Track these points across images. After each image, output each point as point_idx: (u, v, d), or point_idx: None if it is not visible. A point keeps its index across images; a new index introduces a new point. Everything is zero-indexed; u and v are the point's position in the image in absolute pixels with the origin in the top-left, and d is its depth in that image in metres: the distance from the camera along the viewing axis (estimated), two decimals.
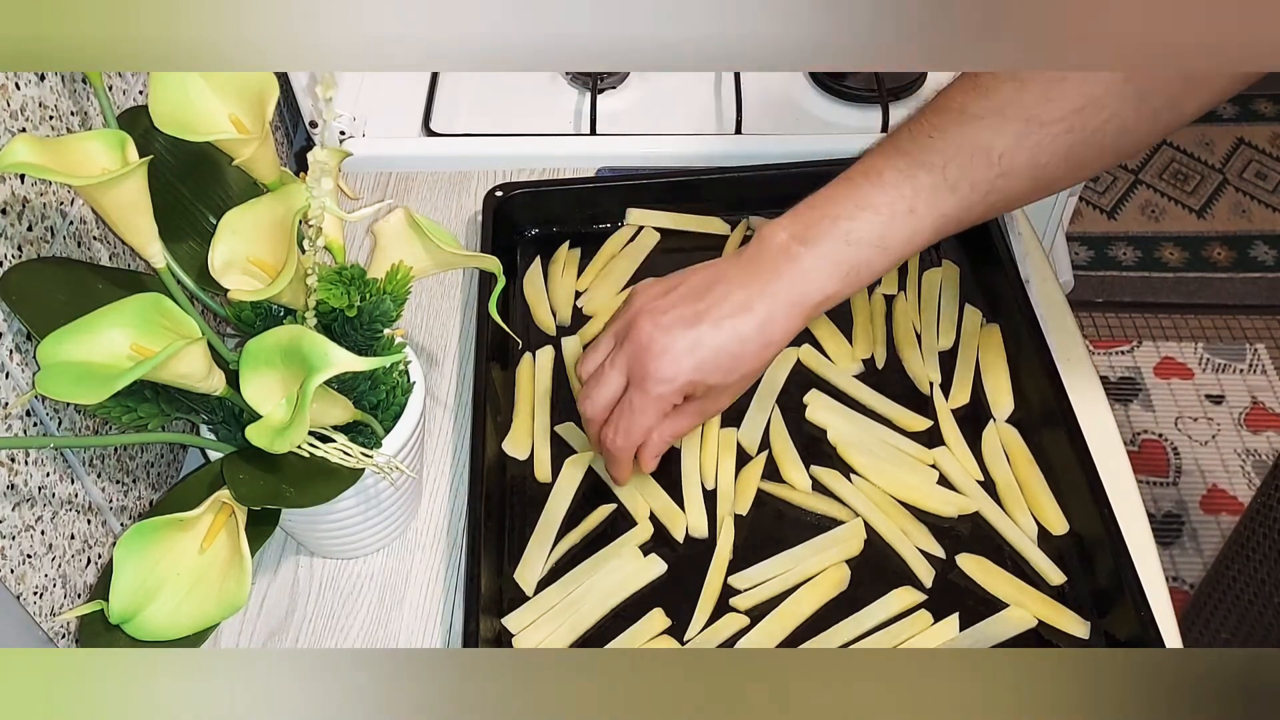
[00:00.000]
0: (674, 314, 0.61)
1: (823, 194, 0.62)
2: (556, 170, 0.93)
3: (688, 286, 0.63)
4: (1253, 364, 1.83)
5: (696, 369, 0.61)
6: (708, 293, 0.62)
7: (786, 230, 0.61)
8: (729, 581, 0.67)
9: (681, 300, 0.62)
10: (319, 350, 0.52)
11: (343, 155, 0.60)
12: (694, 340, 0.60)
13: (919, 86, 1.00)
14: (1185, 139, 2.15)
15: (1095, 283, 1.94)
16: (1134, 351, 1.85)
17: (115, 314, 0.52)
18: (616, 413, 0.64)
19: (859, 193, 0.60)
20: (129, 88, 0.71)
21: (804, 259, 0.61)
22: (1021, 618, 0.65)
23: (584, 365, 0.66)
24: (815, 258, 0.60)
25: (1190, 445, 1.73)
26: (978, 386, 0.77)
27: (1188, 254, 1.98)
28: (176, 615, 0.56)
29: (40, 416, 0.59)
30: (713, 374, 0.61)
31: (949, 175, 0.59)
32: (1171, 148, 2.14)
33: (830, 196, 0.62)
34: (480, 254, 0.66)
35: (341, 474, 0.57)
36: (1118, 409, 1.77)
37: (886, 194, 0.60)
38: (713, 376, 0.61)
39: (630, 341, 0.62)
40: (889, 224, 0.60)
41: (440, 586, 0.69)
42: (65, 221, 0.62)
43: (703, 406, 0.64)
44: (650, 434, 0.64)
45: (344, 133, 0.94)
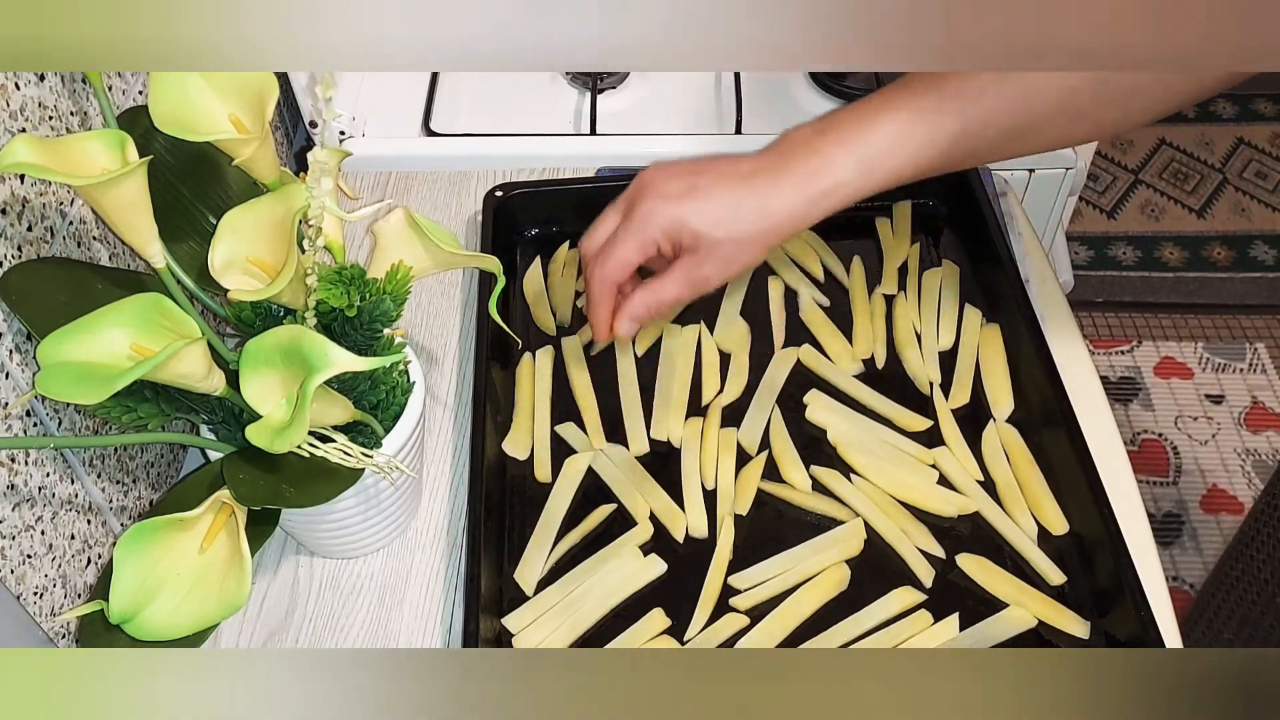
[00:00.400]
0: (680, 166, 0.63)
1: (846, 107, 0.64)
2: (556, 170, 0.93)
3: (705, 159, 0.64)
4: (1253, 364, 1.83)
5: (686, 209, 0.62)
6: (720, 162, 0.63)
7: (810, 127, 0.63)
8: (729, 581, 0.67)
9: (693, 162, 0.64)
10: (319, 350, 0.52)
11: (343, 155, 0.60)
12: (689, 184, 0.62)
13: None
14: (1185, 139, 2.15)
15: (1095, 283, 1.94)
16: (1134, 351, 1.85)
17: (115, 314, 0.52)
18: (605, 244, 0.65)
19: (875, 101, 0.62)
20: (129, 88, 0.71)
21: (820, 145, 0.62)
22: (1021, 618, 0.65)
23: (590, 238, 0.68)
24: (832, 144, 0.62)
25: (1190, 445, 1.73)
26: (978, 386, 0.77)
27: (1188, 254, 1.98)
28: (176, 615, 0.56)
29: (40, 416, 0.59)
30: (702, 220, 0.62)
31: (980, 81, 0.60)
32: (1171, 148, 2.14)
33: (855, 105, 0.63)
34: (480, 254, 0.66)
35: (341, 474, 0.57)
36: (1118, 409, 1.77)
37: (912, 96, 0.61)
38: (701, 223, 0.62)
39: (635, 182, 0.64)
40: (909, 122, 0.61)
41: (440, 586, 0.69)
42: (65, 221, 0.62)
43: (691, 270, 0.64)
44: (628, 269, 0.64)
45: (344, 133, 0.94)
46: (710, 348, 0.79)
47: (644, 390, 0.76)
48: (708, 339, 0.79)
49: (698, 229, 0.62)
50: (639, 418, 0.75)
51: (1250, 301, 1.92)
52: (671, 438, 0.74)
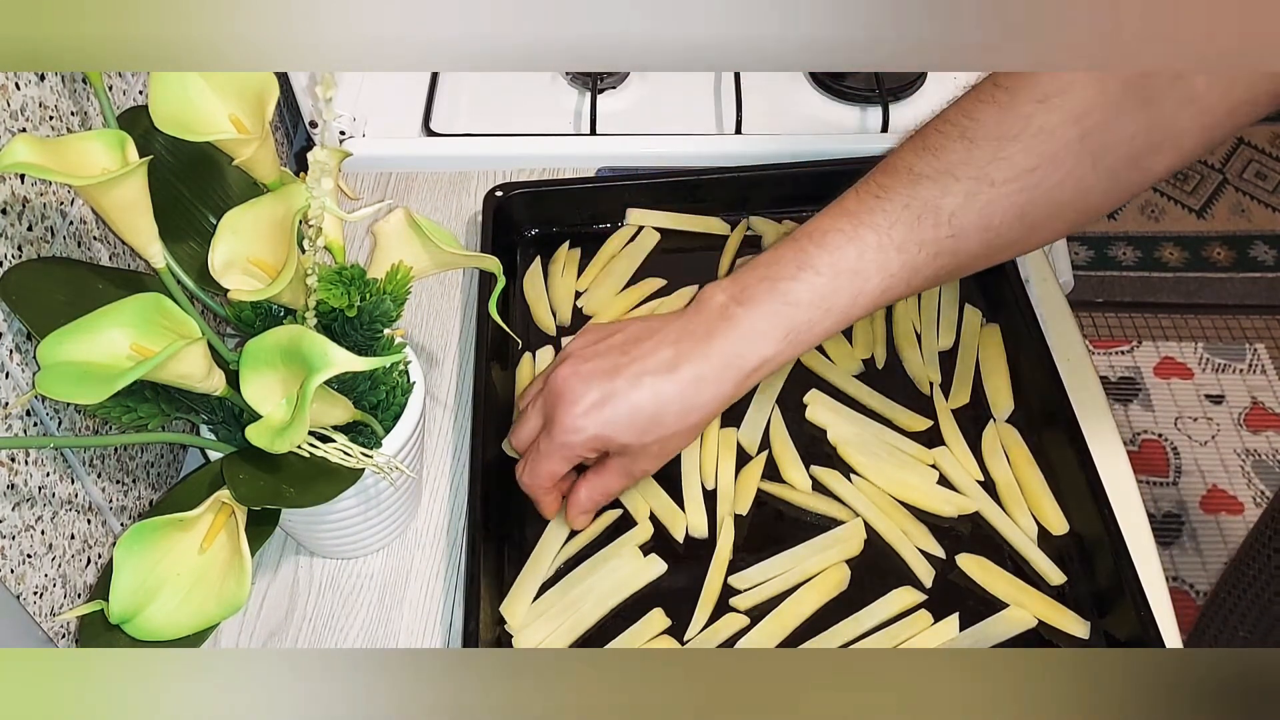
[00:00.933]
0: (595, 364, 0.60)
1: (766, 256, 0.60)
2: (556, 170, 0.93)
3: (622, 337, 0.61)
4: (1253, 364, 1.83)
5: (605, 424, 0.59)
6: (636, 347, 0.60)
7: (725, 292, 0.60)
8: (729, 581, 0.67)
9: (608, 350, 0.60)
10: (319, 350, 0.52)
11: (343, 155, 0.60)
12: (606, 394, 0.59)
13: (919, 86, 1.00)
14: None
15: (1095, 283, 1.94)
16: (1134, 351, 1.85)
17: (115, 314, 0.52)
18: (529, 451, 0.63)
19: (802, 254, 0.59)
20: (129, 88, 0.71)
21: (741, 320, 0.59)
22: (1021, 618, 0.65)
23: (522, 399, 0.67)
24: (753, 318, 0.58)
25: (1190, 445, 1.73)
26: (978, 386, 0.77)
27: (1188, 254, 1.98)
28: (176, 615, 0.56)
29: (40, 416, 0.59)
30: (624, 432, 0.59)
31: (895, 236, 0.57)
32: None
33: (773, 258, 0.60)
34: (480, 254, 0.66)
35: (341, 474, 0.57)
36: (1118, 409, 1.77)
37: (829, 255, 0.58)
38: (624, 435, 0.59)
39: (549, 386, 0.61)
40: (831, 284, 0.58)
41: (440, 586, 0.69)
42: (65, 221, 0.62)
43: (626, 466, 0.62)
44: (558, 483, 0.64)
45: (344, 133, 0.94)
46: None
47: None
48: None
49: (624, 441, 0.60)
50: None
51: (1250, 301, 1.92)
52: None
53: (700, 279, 0.83)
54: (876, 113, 0.95)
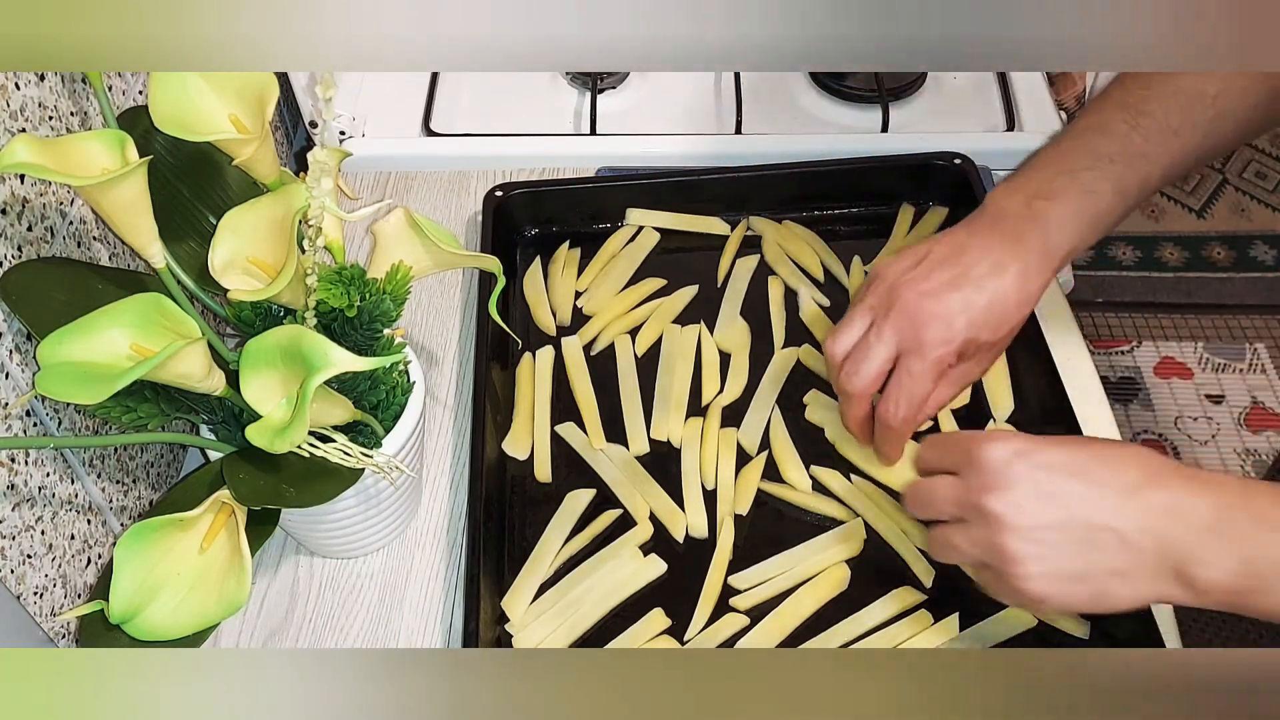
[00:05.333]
0: (935, 279, 0.63)
1: (1049, 153, 0.65)
2: (556, 170, 0.93)
3: (936, 255, 0.64)
4: (1253, 364, 1.83)
5: (970, 326, 0.62)
6: (961, 258, 0.63)
7: (1021, 192, 0.64)
8: (729, 581, 0.67)
9: (937, 267, 0.63)
10: (319, 350, 0.52)
11: (343, 155, 0.60)
12: (964, 301, 0.62)
13: (919, 86, 1.00)
14: None
15: (1095, 283, 1.94)
16: (1134, 351, 1.85)
17: (115, 314, 0.52)
18: (894, 384, 0.64)
19: (1090, 145, 0.64)
20: (129, 88, 0.71)
21: (1049, 214, 0.63)
22: (1021, 618, 0.65)
23: (838, 342, 0.66)
24: (1060, 212, 0.63)
25: (1190, 445, 1.73)
26: (978, 386, 0.76)
27: (1187, 254, 1.98)
28: (176, 615, 0.56)
29: (40, 416, 0.59)
30: (984, 330, 0.63)
31: (1171, 120, 0.63)
32: None
33: (1061, 153, 0.64)
34: (480, 254, 0.66)
35: (341, 474, 0.57)
36: (1118, 409, 1.77)
37: (1118, 143, 0.63)
38: (984, 333, 0.63)
39: (897, 311, 0.63)
40: (1125, 170, 0.63)
41: (440, 586, 0.69)
42: (65, 221, 0.62)
43: (969, 370, 0.66)
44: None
45: (344, 133, 0.94)
46: (710, 348, 0.79)
47: (644, 390, 0.76)
48: (708, 339, 0.79)
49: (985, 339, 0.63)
50: (639, 418, 0.75)
51: (1250, 301, 1.92)
52: (671, 438, 0.74)
53: (700, 279, 0.83)
54: (876, 113, 0.95)
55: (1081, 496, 0.52)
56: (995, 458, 0.53)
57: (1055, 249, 0.63)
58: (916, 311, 0.62)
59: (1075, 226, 0.63)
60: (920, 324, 0.62)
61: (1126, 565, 0.51)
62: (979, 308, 0.62)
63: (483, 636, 0.62)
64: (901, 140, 0.93)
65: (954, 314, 0.62)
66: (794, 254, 0.84)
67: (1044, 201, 0.63)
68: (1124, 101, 0.64)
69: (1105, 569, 0.52)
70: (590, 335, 0.80)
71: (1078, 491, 0.52)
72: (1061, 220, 0.63)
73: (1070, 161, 0.64)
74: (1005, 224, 0.64)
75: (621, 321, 0.80)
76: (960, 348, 0.63)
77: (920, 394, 0.64)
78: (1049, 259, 0.63)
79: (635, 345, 0.79)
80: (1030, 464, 0.53)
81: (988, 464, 0.54)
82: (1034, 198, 0.63)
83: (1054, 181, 0.64)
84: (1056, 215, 0.63)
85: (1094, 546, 0.51)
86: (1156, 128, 0.63)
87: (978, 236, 0.64)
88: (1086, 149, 0.64)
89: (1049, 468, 0.53)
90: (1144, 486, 0.51)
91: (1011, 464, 0.53)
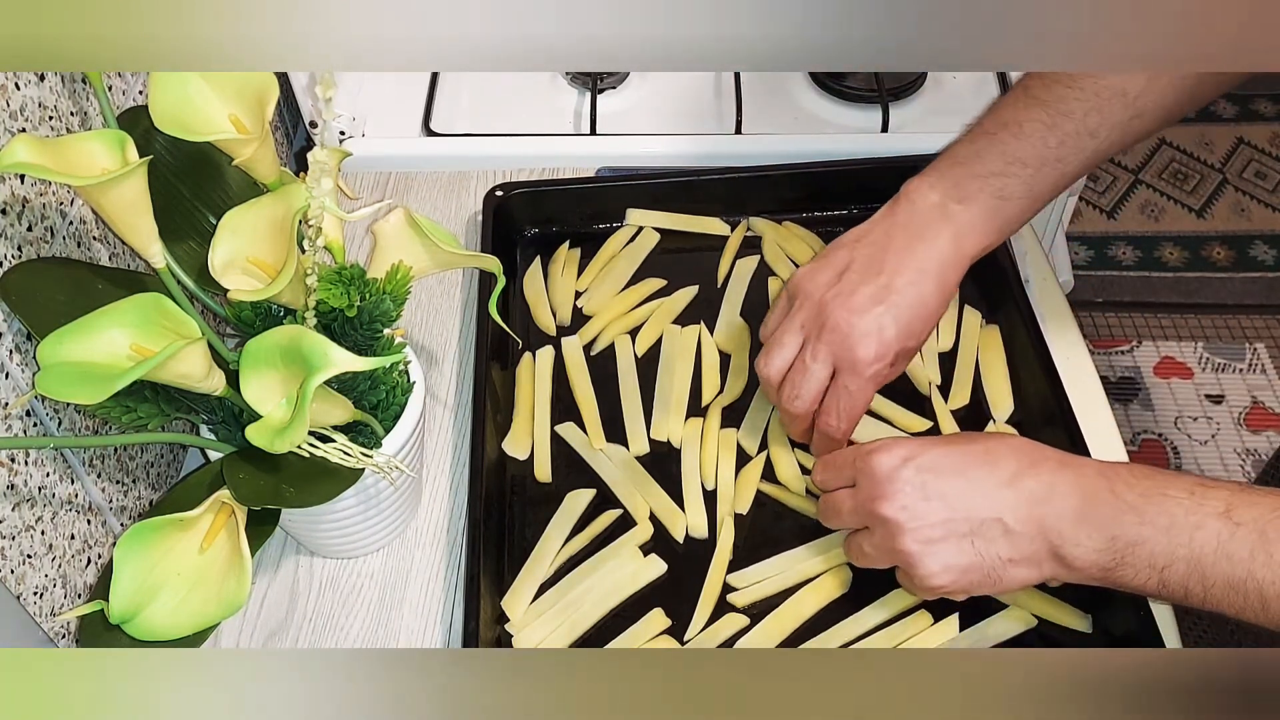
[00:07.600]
0: (862, 294, 0.64)
1: (965, 149, 0.65)
2: (556, 170, 0.93)
3: (858, 263, 0.65)
4: (1252, 364, 1.83)
5: (899, 338, 0.64)
6: (882, 266, 0.65)
7: (936, 190, 0.65)
8: (729, 581, 0.67)
9: (861, 279, 0.64)
10: (319, 350, 0.52)
11: (343, 155, 0.60)
12: (893, 315, 0.64)
13: (919, 86, 1.00)
14: (1185, 138, 2.15)
15: (1095, 282, 1.94)
16: (1134, 351, 1.85)
17: (115, 314, 0.52)
18: (832, 400, 0.66)
19: (1004, 147, 0.64)
20: (129, 88, 0.71)
21: (961, 217, 0.65)
22: (1021, 617, 0.65)
23: (772, 364, 0.67)
24: (972, 215, 0.65)
25: (1190, 445, 1.73)
26: (977, 387, 0.77)
27: (1187, 254, 1.98)
28: (176, 615, 0.56)
29: (40, 416, 0.59)
30: (911, 338, 0.65)
31: (1090, 122, 0.62)
32: (1171, 147, 2.14)
33: (975, 152, 0.65)
34: (480, 254, 0.66)
35: (341, 474, 0.57)
36: (1118, 409, 1.77)
37: (1033, 147, 0.63)
38: (911, 341, 0.65)
39: (830, 330, 0.64)
40: (1037, 175, 0.64)
41: (440, 586, 0.69)
42: (65, 221, 0.62)
43: (896, 369, 0.67)
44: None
45: (344, 133, 0.94)
46: (710, 348, 0.79)
47: (644, 390, 0.76)
48: (708, 339, 0.79)
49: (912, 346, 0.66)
50: (639, 418, 0.75)
51: (1250, 301, 1.92)
52: (671, 438, 0.74)
53: (700, 279, 0.83)
54: (876, 113, 0.95)
55: (963, 492, 0.57)
56: (881, 467, 0.58)
57: (967, 251, 0.66)
58: (849, 331, 0.64)
59: (987, 230, 0.65)
60: (854, 343, 0.64)
61: (1013, 551, 0.56)
62: (906, 319, 0.64)
63: (483, 636, 0.62)
64: (901, 140, 0.93)
65: (884, 328, 0.64)
66: (794, 255, 0.84)
67: (957, 205, 0.65)
68: (1043, 99, 0.63)
69: (995, 557, 0.57)
70: (590, 335, 0.80)
71: (960, 488, 0.57)
72: (974, 223, 0.65)
73: (985, 164, 0.65)
74: (920, 224, 0.65)
75: (621, 322, 0.80)
76: (895, 359, 0.65)
77: (860, 407, 0.66)
78: (963, 260, 0.66)
79: (635, 345, 0.79)
80: (914, 468, 0.58)
81: (876, 474, 0.58)
82: (948, 199, 0.65)
83: (969, 184, 0.65)
84: (969, 219, 0.65)
85: (982, 537, 0.57)
86: (1074, 130, 0.63)
87: (896, 238, 0.65)
88: (1001, 152, 0.64)
89: (932, 470, 0.57)
90: (1020, 476, 0.57)
91: (898, 471, 0.58)
